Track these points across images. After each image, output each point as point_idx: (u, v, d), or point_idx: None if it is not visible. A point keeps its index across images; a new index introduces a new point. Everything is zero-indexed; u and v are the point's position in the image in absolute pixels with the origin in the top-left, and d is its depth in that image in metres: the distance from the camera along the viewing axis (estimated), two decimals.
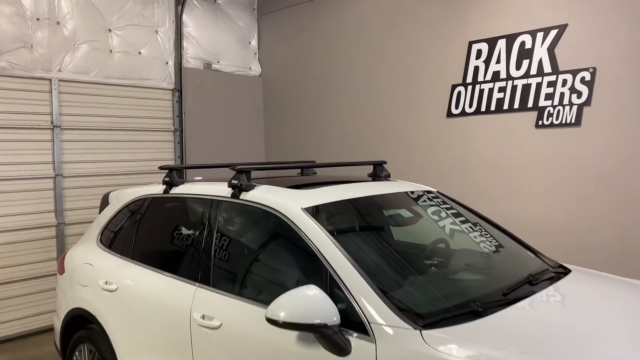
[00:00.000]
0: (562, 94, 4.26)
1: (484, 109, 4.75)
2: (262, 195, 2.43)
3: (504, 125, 4.61)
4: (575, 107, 4.20)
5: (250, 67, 6.76)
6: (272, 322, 1.83)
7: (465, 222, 2.70)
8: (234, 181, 2.51)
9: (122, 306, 2.74)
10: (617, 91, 3.97)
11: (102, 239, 3.23)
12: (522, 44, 4.49)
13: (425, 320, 1.85)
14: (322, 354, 1.85)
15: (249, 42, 6.76)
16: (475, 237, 2.60)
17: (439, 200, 2.84)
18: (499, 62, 4.64)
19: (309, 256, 2.11)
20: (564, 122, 4.26)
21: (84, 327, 3.08)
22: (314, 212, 2.26)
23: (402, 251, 2.38)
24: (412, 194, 2.75)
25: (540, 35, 4.37)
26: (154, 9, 5.75)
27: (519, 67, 4.52)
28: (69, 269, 3.30)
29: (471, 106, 4.84)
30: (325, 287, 2.00)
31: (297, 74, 6.42)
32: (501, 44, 4.62)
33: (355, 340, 1.84)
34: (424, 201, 2.74)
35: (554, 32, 4.29)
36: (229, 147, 6.44)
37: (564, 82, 4.25)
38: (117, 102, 5.48)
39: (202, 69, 6.23)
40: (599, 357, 1.65)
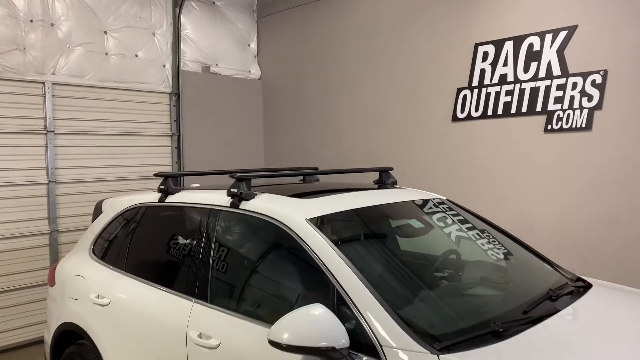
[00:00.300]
0: (572, 98, 4.13)
1: (490, 113, 4.61)
2: (263, 204, 2.28)
3: (512, 130, 4.47)
4: (585, 111, 4.06)
5: (249, 70, 6.62)
6: (275, 344, 1.68)
7: (477, 232, 2.55)
8: (233, 189, 2.36)
9: (115, 322, 2.59)
10: (629, 94, 3.83)
11: (95, 250, 3.08)
12: (530, 45, 4.36)
13: (441, 342, 1.70)
14: None
15: (248, 45, 6.62)
16: (488, 248, 2.45)
17: (449, 209, 2.69)
18: (506, 64, 4.51)
19: (314, 271, 1.96)
20: (574, 126, 4.12)
21: (74, 343, 2.93)
22: (319, 223, 2.11)
23: (413, 265, 2.23)
24: (421, 203, 2.60)
25: (549, 36, 4.24)
26: (151, 10, 5.62)
27: (527, 69, 4.39)
28: (60, 280, 3.14)
29: (477, 110, 4.70)
30: (332, 305, 1.85)
31: (297, 77, 6.27)
32: (508, 46, 4.49)
33: None
34: (434, 210, 2.60)
35: (563, 34, 4.16)
36: (227, 153, 6.30)
37: (574, 85, 4.11)
38: (113, 106, 5.34)
39: (200, 72, 6.09)
40: None
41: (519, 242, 2.64)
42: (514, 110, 4.47)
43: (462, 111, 4.80)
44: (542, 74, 4.30)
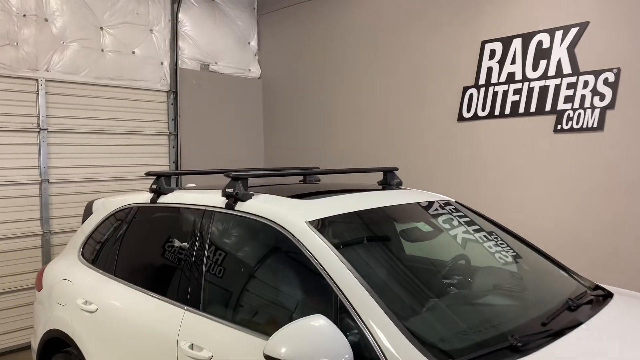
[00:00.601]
0: (583, 97, 3.98)
1: (497, 112, 4.46)
2: (260, 205, 2.12)
3: (520, 130, 4.31)
4: (597, 111, 3.91)
5: (249, 69, 6.47)
6: None
7: (488, 237, 2.39)
8: (228, 189, 2.20)
9: (102, 330, 2.43)
10: None
11: (84, 253, 2.92)
12: (540, 43, 4.21)
13: (454, 359, 1.54)
14: None
15: (248, 43, 6.48)
16: (500, 253, 2.29)
17: (458, 211, 2.53)
18: (514, 62, 4.36)
19: (315, 278, 1.81)
20: (585, 126, 3.97)
21: (61, 351, 2.77)
22: (320, 226, 1.95)
23: (421, 272, 2.07)
24: (428, 205, 2.45)
25: (559, 33, 4.09)
26: (148, 6, 5.48)
27: (535, 68, 4.24)
28: (48, 285, 2.99)
29: (484, 109, 4.55)
30: (333, 315, 1.70)
31: (298, 76, 6.13)
32: (516, 44, 4.34)
33: None
34: (442, 213, 2.44)
35: (574, 31, 4.01)
36: (226, 152, 6.15)
37: (585, 83, 3.96)
38: (109, 104, 5.20)
39: (199, 70, 5.95)
40: None
41: (532, 247, 2.48)
42: (522, 109, 4.32)
43: (468, 111, 4.65)
44: (551, 72, 4.14)
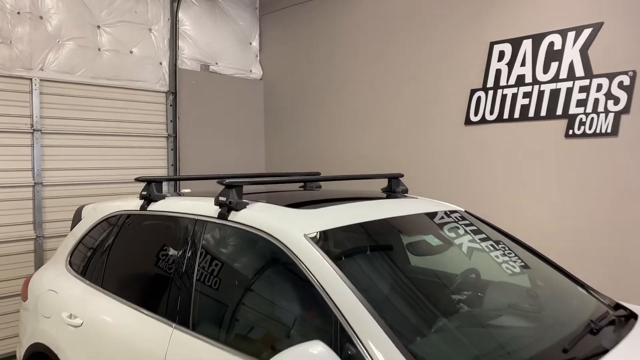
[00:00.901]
0: (596, 101, 3.81)
1: (506, 116, 4.30)
2: (255, 215, 1.97)
3: (530, 134, 4.15)
4: (611, 115, 3.74)
5: (250, 70, 6.32)
6: None
7: (500, 250, 2.23)
8: (221, 198, 2.05)
9: (86, 346, 2.28)
10: None
11: (72, 262, 2.77)
12: (551, 44, 4.04)
13: None
14: None
15: (250, 43, 6.33)
16: (514, 269, 2.13)
17: (468, 223, 2.37)
18: (524, 64, 4.20)
19: (313, 298, 1.65)
20: (598, 131, 3.80)
21: None
22: (320, 239, 1.80)
23: (430, 291, 1.91)
24: (437, 215, 2.29)
25: (571, 34, 3.93)
26: (147, 5, 5.33)
27: (546, 70, 4.07)
28: (34, 295, 2.84)
29: (492, 113, 4.39)
30: (333, 340, 1.54)
31: (301, 77, 5.97)
32: (526, 45, 4.18)
33: None
34: (452, 225, 2.28)
35: (587, 32, 3.85)
36: (226, 155, 6.00)
37: (599, 87, 3.79)
38: (105, 104, 5.05)
39: (199, 70, 5.80)
40: None
41: (547, 261, 2.32)
42: (532, 113, 4.15)
43: (475, 114, 4.49)
44: (563, 75, 3.98)
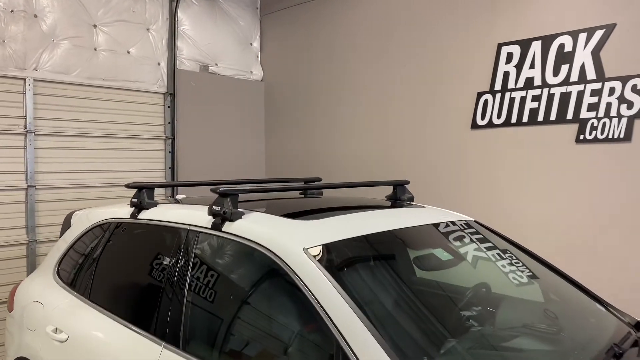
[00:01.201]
0: (608, 104, 3.67)
1: (514, 120, 4.16)
2: (251, 227, 1.83)
3: (539, 139, 4.01)
4: (624, 120, 3.60)
5: (251, 71, 6.19)
6: None
7: (514, 265, 2.09)
8: (215, 207, 1.91)
9: None
10: None
11: (60, 271, 2.64)
12: (561, 46, 3.90)
13: None
14: None
15: (251, 44, 6.20)
16: (529, 286, 1.99)
17: (479, 234, 2.23)
18: (532, 67, 4.06)
19: (312, 319, 1.51)
20: (610, 136, 3.66)
21: None
22: (321, 254, 1.65)
23: (440, 311, 1.76)
24: (446, 227, 2.14)
25: (582, 36, 3.79)
26: (145, 4, 5.21)
27: (556, 73, 3.94)
28: (20, 305, 2.70)
29: (500, 117, 4.25)
30: None
31: (303, 79, 5.83)
32: (536, 47, 4.04)
33: None
34: (462, 236, 2.13)
35: (599, 33, 3.71)
36: (225, 159, 5.86)
37: (611, 90, 3.65)
38: (101, 106, 4.92)
39: (198, 71, 5.67)
40: None
41: (563, 276, 2.17)
42: (541, 117, 4.01)
43: (482, 118, 4.35)
44: (574, 78, 3.84)
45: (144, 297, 2.08)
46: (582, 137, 3.80)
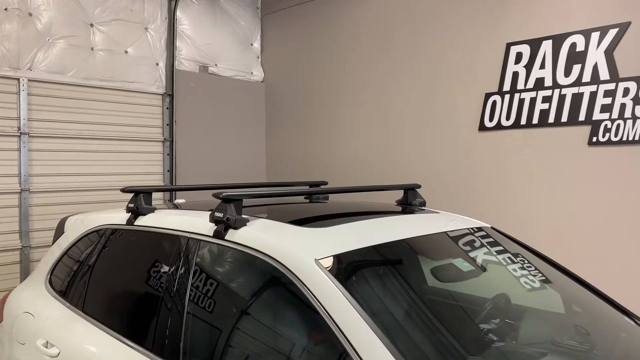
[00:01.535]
0: (622, 106, 3.56)
1: (524, 122, 4.03)
2: (257, 235, 1.69)
3: (549, 142, 3.88)
4: (639, 122, 3.48)
5: (251, 72, 6.06)
6: None
7: (537, 275, 1.95)
8: (218, 214, 1.77)
9: None
10: None
11: (52, 280, 2.50)
12: (573, 45, 3.78)
13: None
14: None
15: (251, 44, 6.07)
16: (555, 298, 1.85)
17: (496, 242, 2.09)
18: (543, 67, 3.94)
19: (325, 336, 1.38)
20: (624, 139, 3.54)
21: None
22: (334, 266, 1.52)
23: (467, 329, 1.62)
24: (463, 235, 2.01)
25: (595, 35, 3.67)
26: (143, 3, 5.08)
27: (568, 73, 3.82)
28: (10, 315, 2.55)
29: (509, 118, 4.12)
30: None
31: (304, 80, 5.71)
32: (546, 46, 3.92)
33: None
34: (480, 244, 2.00)
35: (613, 32, 3.59)
36: (225, 161, 5.72)
37: (626, 91, 3.54)
38: (98, 107, 4.79)
39: (197, 72, 5.54)
40: None
41: (588, 286, 2.04)
42: (552, 119, 3.89)
43: (490, 119, 4.22)
44: (586, 78, 3.72)
45: (139, 310, 1.94)
46: (595, 139, 3.68)
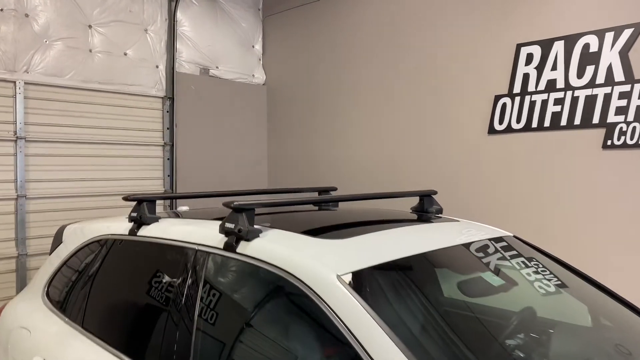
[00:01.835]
0: (638, 108, 3.46)
1: (535, 125, 3.93)
2: (271, 248, 1.57)
3: (562, 145, 3.78)
4: None
5: (253, 74, 5.95)
6: None
7: (564, 287, 1.84)
8: (228, 225, 1.65)
9: None
10: None
11: (50, 293, 2.37)
12: (586, 46, 3.68)
13: None
14: None
15: (253, 46, 5.96)
16: (591, 314, 1.73)
17: (521, 253, 1.97)
18: (555, 68, 3.84)
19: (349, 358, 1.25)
20: None
21: None
22: (358, 282, 1.40)
23: (508, 350, 1.50)
24: (489, 245, 1.89)
25: (609, 35, 3.57)
26: (143, 4, 4.97)
27: (581, 74, 3.71)
28: (5, 329, 2.43)
29: (519, 121, 4.02)
30: None
31: (307, 82, 5.59)
32: (558, 47, 3.82)
33: None
34: (508, 255, 1.88)
35: (628, 32, 3.49)
36: (226, 165, 5.61)
37: None
38: (96, 110, 4.67)
39: (198, 74, 5.43)
40: None
41: (616, 297, 1.92)
42: (564, 122, 3.79)
43: (500, 122, 4.12)
44: (600, 80, 3.62)
45: (144, 327, 1.81)
46: (609, 142, 3.58)
